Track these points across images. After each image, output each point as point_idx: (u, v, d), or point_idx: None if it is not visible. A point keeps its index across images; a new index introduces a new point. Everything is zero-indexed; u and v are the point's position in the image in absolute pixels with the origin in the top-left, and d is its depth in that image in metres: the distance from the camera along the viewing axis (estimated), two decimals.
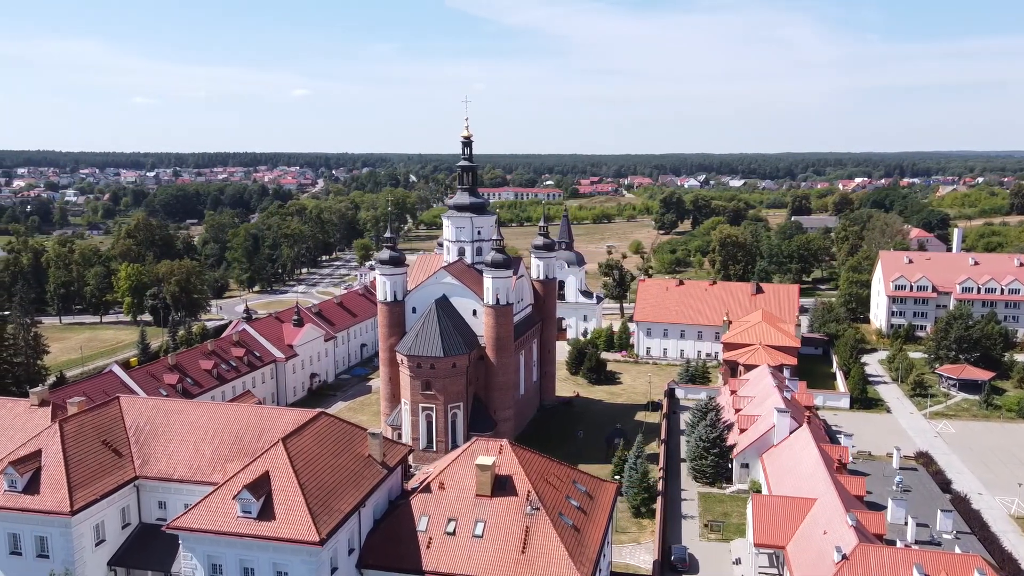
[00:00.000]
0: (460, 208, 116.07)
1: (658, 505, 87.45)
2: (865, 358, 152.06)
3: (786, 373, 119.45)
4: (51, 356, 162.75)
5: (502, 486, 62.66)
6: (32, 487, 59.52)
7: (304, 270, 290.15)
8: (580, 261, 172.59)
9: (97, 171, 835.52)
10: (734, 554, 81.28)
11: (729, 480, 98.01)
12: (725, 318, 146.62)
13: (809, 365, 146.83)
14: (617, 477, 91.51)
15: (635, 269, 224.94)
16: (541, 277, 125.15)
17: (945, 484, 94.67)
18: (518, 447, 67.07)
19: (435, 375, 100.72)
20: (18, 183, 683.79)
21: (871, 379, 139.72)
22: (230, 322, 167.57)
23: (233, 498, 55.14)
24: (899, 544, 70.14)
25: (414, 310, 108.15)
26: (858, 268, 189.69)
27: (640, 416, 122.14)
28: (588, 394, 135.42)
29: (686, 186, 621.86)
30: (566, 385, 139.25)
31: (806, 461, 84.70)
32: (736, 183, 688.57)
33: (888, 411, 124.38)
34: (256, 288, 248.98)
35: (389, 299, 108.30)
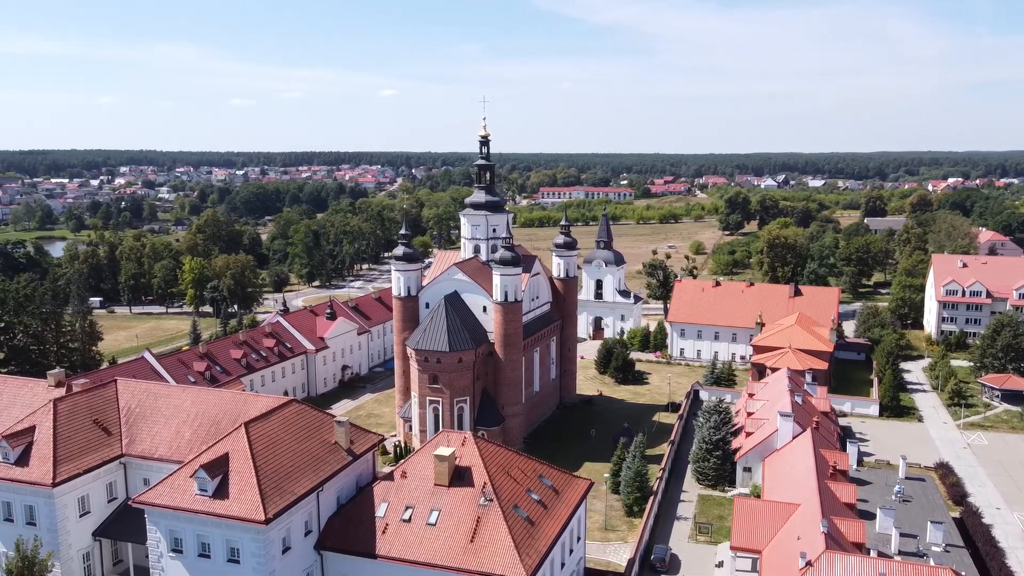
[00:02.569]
0: (476, 206, 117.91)
1: (648, 504, 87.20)
2: (910, 365, 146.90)
3: (807, 377, 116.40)
4: (114, 343, 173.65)
5: (460, 477, 64.05)
6: (23, 459, 64.60)
7: (365, 266, 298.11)
8: (619, 261, 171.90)
9: (191, 169, 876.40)
10: (718, 557, 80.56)
11: (733, 483, 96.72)
12: (758, 320, 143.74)
13: (849, 370, 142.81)
14: (607, 476, 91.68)
15: (679, 270, 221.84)
16: (561, 275, 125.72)
17: (960, 497, 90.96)
18: (483, 440, 68.38)
19: (441, 369, 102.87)
20: (119, 181, 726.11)
21: (911, 387, 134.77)
22: None
23: (191, 476, 58.55)
24: (873, 554, 68.22)
25: (427, 305, 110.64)
26: (912, 272, 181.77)
27: (657, 417, 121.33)
28: (613, 393, 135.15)
29: (762, 186, 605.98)
30: (593, 384, 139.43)
31: (800, 466, 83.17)
32: (816, 183, 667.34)
33: (920, 420, 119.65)
34: (315, 283, 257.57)
35: (403, 294, 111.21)
